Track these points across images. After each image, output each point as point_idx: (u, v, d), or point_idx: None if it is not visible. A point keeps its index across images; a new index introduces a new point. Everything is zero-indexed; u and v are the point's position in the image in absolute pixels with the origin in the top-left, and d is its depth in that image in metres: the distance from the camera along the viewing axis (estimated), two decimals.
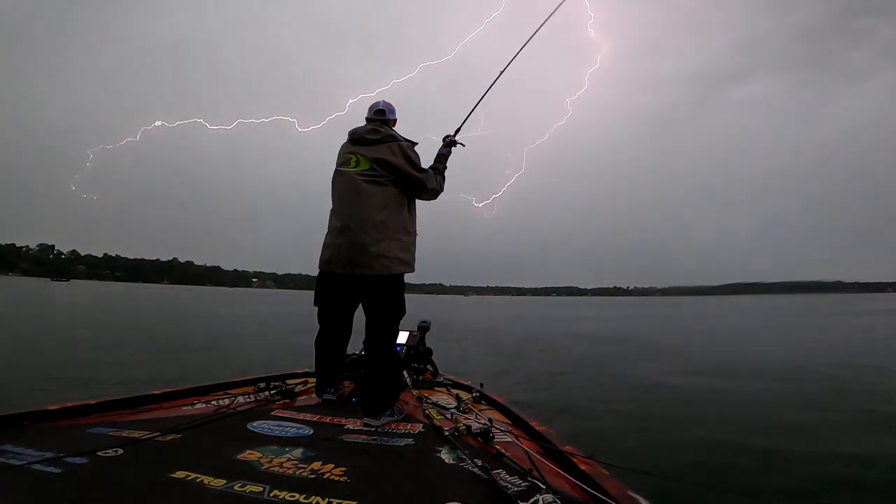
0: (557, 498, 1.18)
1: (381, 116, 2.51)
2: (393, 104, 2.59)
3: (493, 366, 7.63)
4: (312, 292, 2.51)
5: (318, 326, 2.54)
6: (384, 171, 2.31)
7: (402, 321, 2.45)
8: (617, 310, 40.93)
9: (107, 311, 19.80)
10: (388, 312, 2.32)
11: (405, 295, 2.41)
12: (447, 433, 1.81)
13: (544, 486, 1.26)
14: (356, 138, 2.42)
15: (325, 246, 2.39)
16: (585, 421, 4.30)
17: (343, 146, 2.50)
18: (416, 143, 2.46)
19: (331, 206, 2.46)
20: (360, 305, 2.43)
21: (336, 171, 2.43)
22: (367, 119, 2.56)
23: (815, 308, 38.32)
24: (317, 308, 2.53)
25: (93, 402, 1.96)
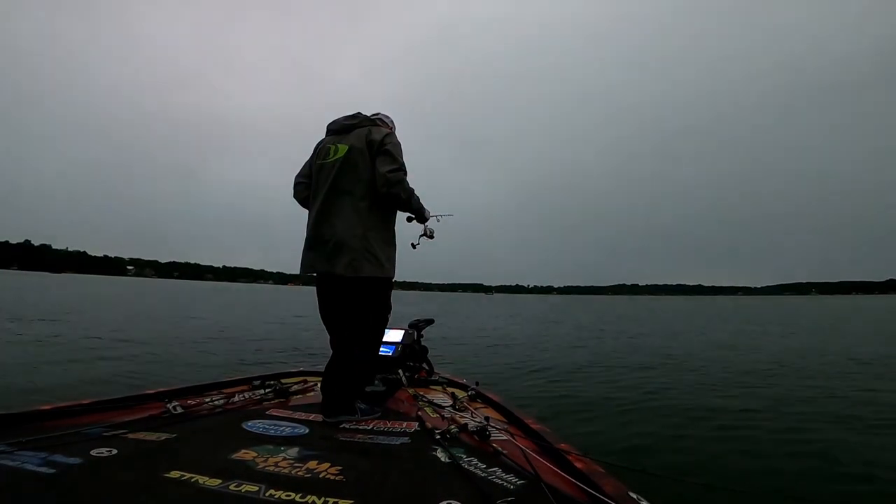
0: (554, 496, 1.18)
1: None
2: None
3: (486, 364, 7.62)
4: (310, 289, 2.43)
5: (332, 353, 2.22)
6: None
7: (397, 320, 2.42)
8: (612, 309, 40.97)
9: (95, 304, 19.59)
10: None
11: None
12: (442, 432, 1.81)
13: (541, 484, 1.27)
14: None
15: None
16: (579, 419, 4.30)
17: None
18: None
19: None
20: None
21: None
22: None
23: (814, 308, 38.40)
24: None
25: (86, 401, 1.95)
